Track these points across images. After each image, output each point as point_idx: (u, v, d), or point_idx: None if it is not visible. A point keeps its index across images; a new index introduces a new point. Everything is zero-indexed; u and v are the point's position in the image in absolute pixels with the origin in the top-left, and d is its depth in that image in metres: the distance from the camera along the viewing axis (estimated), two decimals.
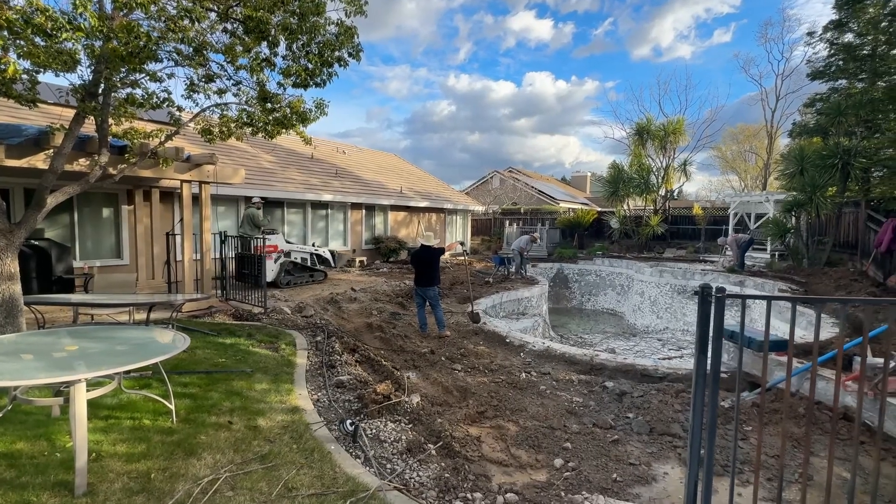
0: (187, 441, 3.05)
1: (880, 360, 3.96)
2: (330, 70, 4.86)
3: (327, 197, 13.37)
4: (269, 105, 5.10)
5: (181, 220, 7.19)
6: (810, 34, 17.84)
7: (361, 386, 4.49)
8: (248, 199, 11.52)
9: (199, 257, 7.77)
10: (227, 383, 4.23)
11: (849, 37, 15.38)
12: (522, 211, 24.63)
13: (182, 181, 7.08)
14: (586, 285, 17.79)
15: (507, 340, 6.62)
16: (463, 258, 15.96)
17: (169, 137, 5.36)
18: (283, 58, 5.08)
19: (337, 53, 4.79)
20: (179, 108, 5.26)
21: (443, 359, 5.74)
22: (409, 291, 10.70)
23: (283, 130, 5.66)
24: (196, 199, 7.60)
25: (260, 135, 5.74)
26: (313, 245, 11.28)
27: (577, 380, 4.99)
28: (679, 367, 5.41)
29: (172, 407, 3.34)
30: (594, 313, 16.98)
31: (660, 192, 19.39)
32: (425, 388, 4.81)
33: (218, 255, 8.05)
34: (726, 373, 5.30)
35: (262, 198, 10.45)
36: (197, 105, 5.59)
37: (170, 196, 9.72)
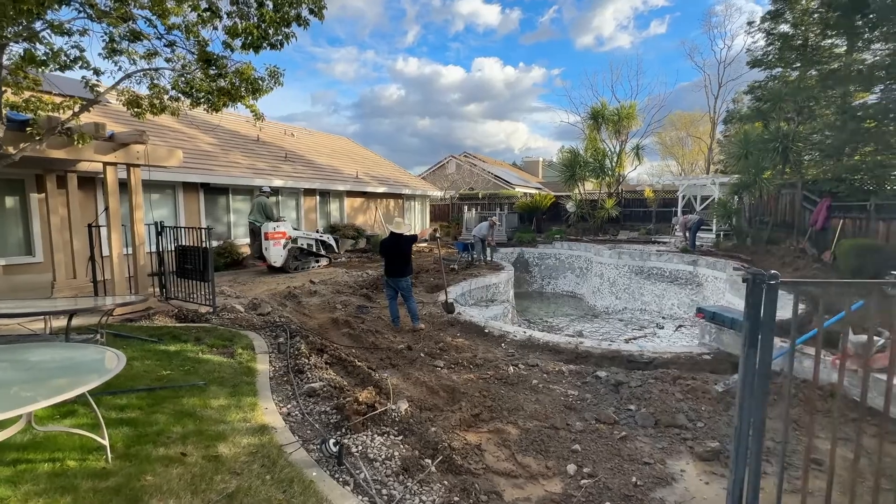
0: (129, 486, 2.43)
1: (864, 337, 4.01)
2: (287, 30, 4.16)
3: (278, 182, 12.34)
4: (212, 70, 4.31)
5: (106, 209, 6.16)
6: (750, 23, 18.74)
7: (338, 393, 3.96)
8: (185, 186, 10.34)
9: (130, 252, 6.75)
10: (175, 402, 3.56)
11: (785, 27, 16.26)
12: (480, 196, 24.45)
13: (105, 163, 6.03)
14: (546, 269, 17.96)
15: (486, 331, 6.29)
16: (430, 243, 15.51)
17: (84, 108, 4.42)
18: (229, 15, 4.30)
19: (295, 11, 4.09)
20: (97, 71, 4.33)
21: (422, 355, 5.31)
22: (373, 282, 10.12)
23: (231, 103, 4.87)
24: (124, 184, 6.55)
25: (202, 108, 4.91)
26: (318, 232, 11.57)
27: (568, 370, 4.76)
28: (664, 351, 5.34)
29: (106, 441, 2.67)
30: (555, 296, 17.21)
31: (613, 176, 19.87)
32: (408, 389, 4.37)
33: (154, 249, 7.05)
34: (710, 354, 5.30)
35: (271, 187, 11.07)
36: (121, 70, 4.67)
37: (91, 182, 8.43)
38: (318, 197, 14.24)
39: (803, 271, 9.48)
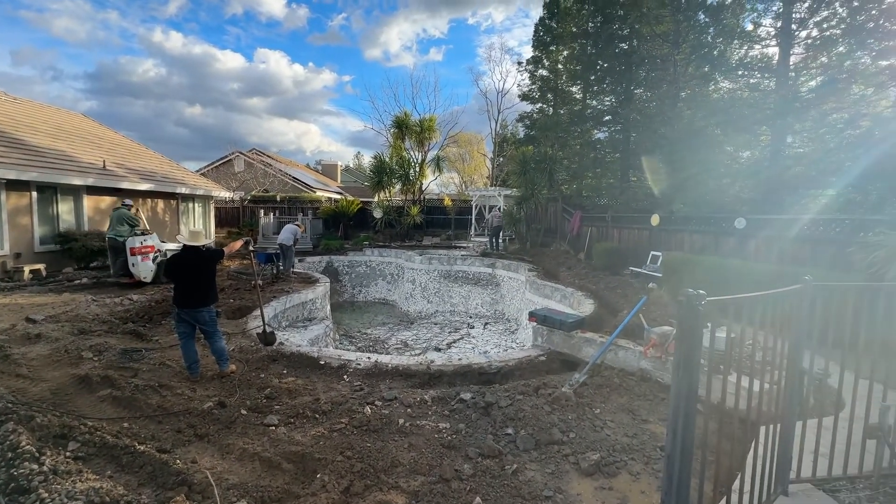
0: None
1: (665, 328, 4.88)
2: None
3: None
4: None
5: None
6: (519, 63, 22.56)
7: None
8: None
9: None
10: None
11: (544, 71, 20.09)
12: (278, 199, 21.96)
13: None
14: (357, 277, 17.32)
15: (322, 362, 5.23)
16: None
17: None
18: None
19: None
20: None
21: (243, 412, 3.94)
22: (141, 311, 7.54)
23: None
24: None
25: None
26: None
27: (430, 398, 4.26)
28: (508, 359, 5.44)
29: None
30: (367, 304, 16.72)
31: (416, 184, 20.74)
32: (234, 472, 3.08)
33: None
34: (544, 355, 5.67)
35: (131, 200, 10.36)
36: None
37: None
38: (34, 193, 9.91)
39: (576, 269, 11.63)
